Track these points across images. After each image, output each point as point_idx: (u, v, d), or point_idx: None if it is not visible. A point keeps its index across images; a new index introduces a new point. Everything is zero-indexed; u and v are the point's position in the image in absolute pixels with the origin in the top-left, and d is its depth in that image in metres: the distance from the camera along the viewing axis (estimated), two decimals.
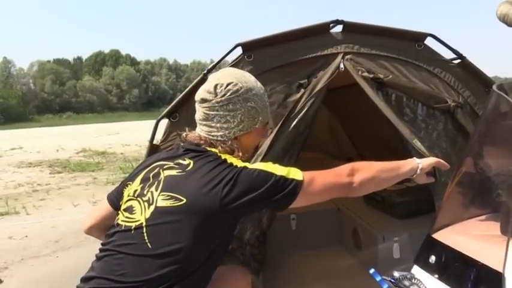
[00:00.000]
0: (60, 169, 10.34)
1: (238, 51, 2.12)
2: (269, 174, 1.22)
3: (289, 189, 1.22)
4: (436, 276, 1.16)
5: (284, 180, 1.22)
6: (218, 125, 1.32)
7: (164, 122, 2.12)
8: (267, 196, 1.21)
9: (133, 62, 69.35)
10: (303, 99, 2.07)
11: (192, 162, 1.29)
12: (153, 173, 1.33)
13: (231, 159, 1.29)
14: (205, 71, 2.06)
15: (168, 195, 1.24)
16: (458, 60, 2.30)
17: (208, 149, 1.33)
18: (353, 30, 2.21)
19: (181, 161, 1.31)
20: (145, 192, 1.29)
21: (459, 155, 2.10)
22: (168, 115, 2.09)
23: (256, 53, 2.12)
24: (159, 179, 1.29)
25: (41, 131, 29.91)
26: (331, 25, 2.19)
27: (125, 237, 1.25)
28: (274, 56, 2.14)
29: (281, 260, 2.95)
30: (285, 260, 2.97)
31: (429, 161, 1.41)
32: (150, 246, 1.20)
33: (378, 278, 1.11)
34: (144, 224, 1.23)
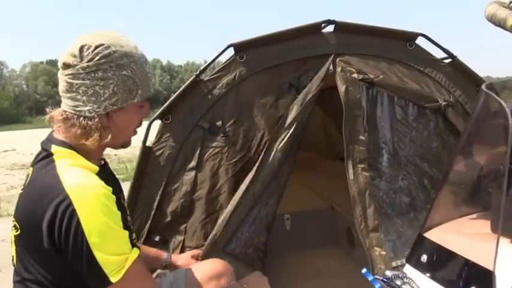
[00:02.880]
0: None
1: (231, 51, 2.12)
2: (91, 256, 0.98)
3: (96, 280, 1.01)
4: (428, 275, 1.17)
5: (98, 271, 0.99)
6: (84, 97, 1.08)
7: (157, 124, 2.11)
8: (76, 267, 1.01)
9: None
10: (295, 108, 2.05)
11: (31, 171, 1.10)
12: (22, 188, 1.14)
13: (64, 173, 1.01)
14: (197, 72, 2.07)
15: (14, 224, 1.07)
16: (449, 60, 2.33)
17: (53, 149, 1.09)
18: (345, 30, 2.22)
19: (28, 172, 1.12)
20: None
21: (450, 154, 2.12)
22: (160, 116, 2.08)
23: (248, 54, 2.13)
24: (18, 200, 1.11)
25: (34, 133, 29.62)
26: (322, 25, 2.20)
27: (14, 274, 1.12)
28: (266, 57, 2.14)
29: (275, 260, 2.94)
30: (279, 260, 2.96)
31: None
32: (19, 285, 1.07)
33: (370, 278, 1.12)
34: (14, 258, 1.10)
